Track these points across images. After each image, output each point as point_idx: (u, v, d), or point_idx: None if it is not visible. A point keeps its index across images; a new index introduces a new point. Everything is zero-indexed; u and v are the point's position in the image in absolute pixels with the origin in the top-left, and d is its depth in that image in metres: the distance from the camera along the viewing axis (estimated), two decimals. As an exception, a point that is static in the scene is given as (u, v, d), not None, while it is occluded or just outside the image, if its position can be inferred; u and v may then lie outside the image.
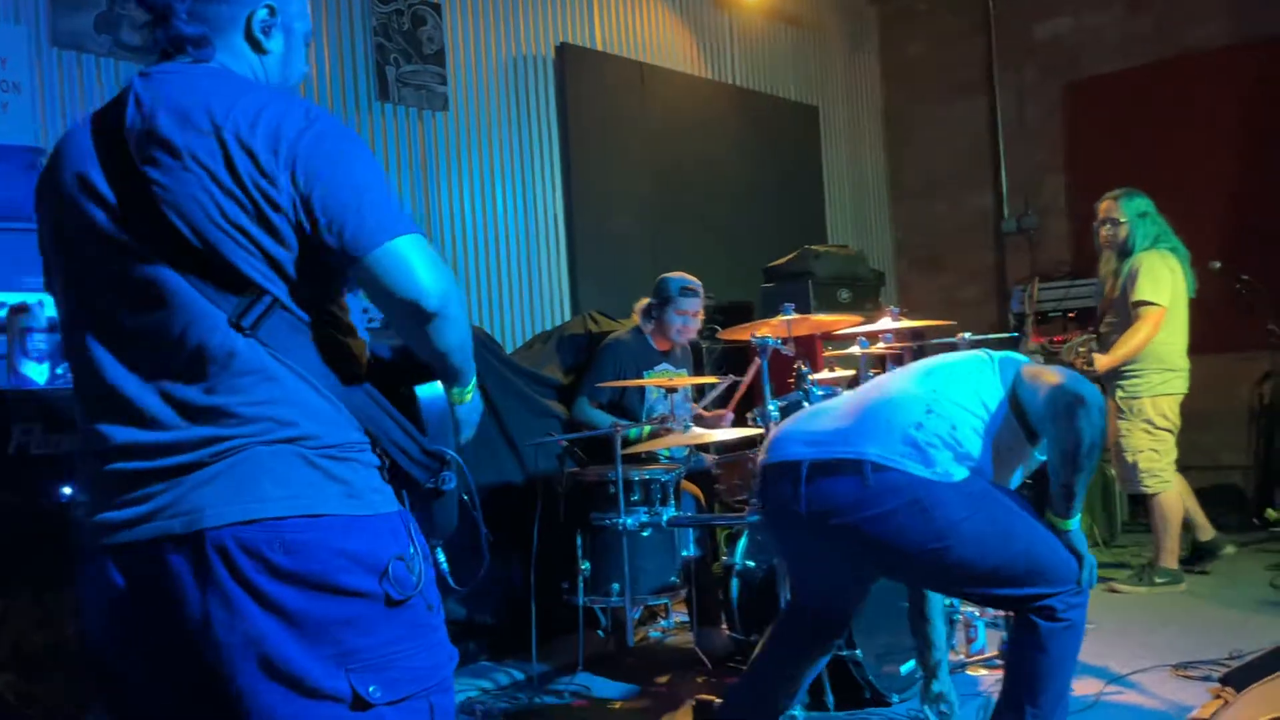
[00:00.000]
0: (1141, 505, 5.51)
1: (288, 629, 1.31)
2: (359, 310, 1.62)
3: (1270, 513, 5.18)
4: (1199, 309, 4.35)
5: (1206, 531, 4.51)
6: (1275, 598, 4.07)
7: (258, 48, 1.48)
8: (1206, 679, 3.10)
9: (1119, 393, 4.29)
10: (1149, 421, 4.24)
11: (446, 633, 1.47)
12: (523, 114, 5.06)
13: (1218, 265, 4.61)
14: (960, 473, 2.18)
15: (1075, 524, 2.23)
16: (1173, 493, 4.26)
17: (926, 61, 6.92)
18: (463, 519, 1.56)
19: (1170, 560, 4.27)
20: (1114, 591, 4.22)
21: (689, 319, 4.03)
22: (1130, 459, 4.27)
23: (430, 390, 1.46)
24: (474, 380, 1.56)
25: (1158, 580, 4.24)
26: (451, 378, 1.49)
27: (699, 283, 4.06)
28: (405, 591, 1.38)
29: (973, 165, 6.66)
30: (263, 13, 1.46)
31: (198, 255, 1.33)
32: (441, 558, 2.45)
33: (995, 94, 6.52)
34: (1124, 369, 4.26)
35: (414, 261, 1.35)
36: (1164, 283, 4.17)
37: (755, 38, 6.39)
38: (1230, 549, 4.51)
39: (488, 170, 4.89)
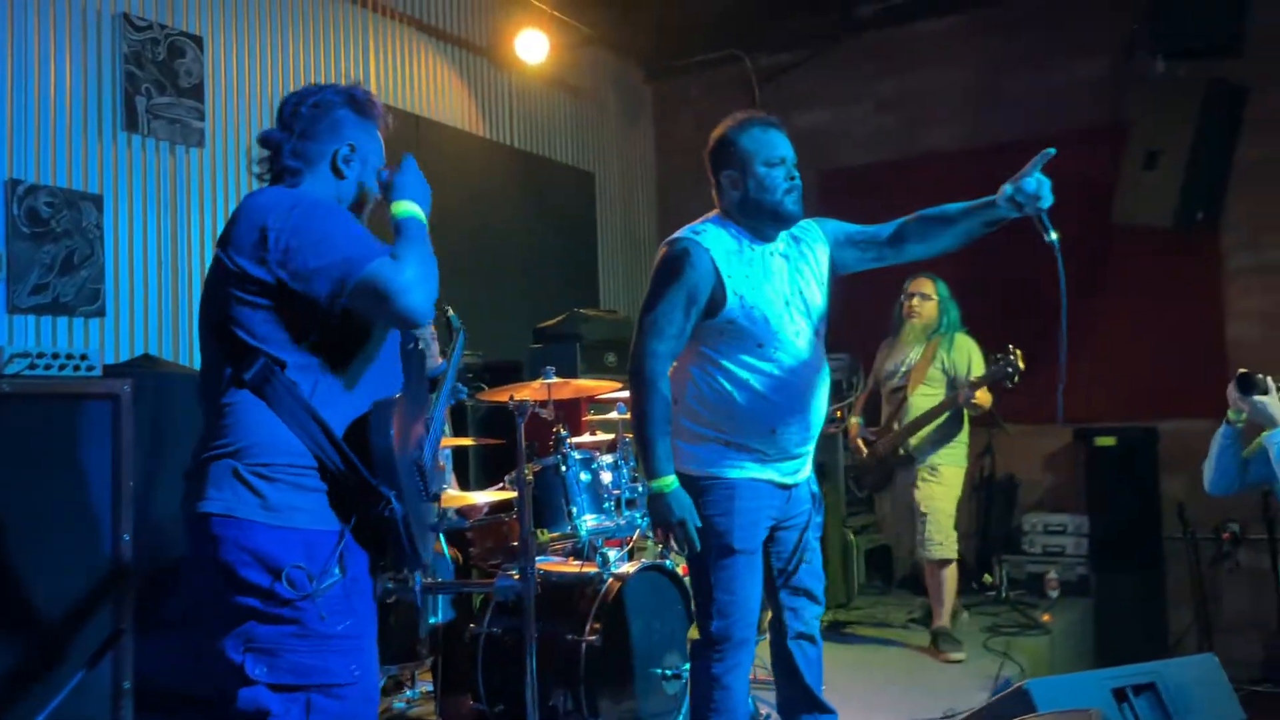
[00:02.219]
0: (881, 570, 5.88)
1: (217, 601, 1.76)
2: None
3: (987, 577, 5.63)
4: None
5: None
6: (989, 658, 4.40)
7: (339, 174, 2.03)
8: (924, 737, 3.31)
9: (935, 457, 4.48)
10: (948, 488, 4.49)
11: (354, 648, 1.79)
12: (288, 157, 4.86)
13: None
14: None
15: (655, 485, 2.52)
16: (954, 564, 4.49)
17: (697, 140, 7.17)
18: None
19: (947, 619, 4.49)
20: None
21: (429, 340, 4.03)
22: (936, 520, 4.42)
23: (377, 436, 1.78)
24: (409, 200, 2.02)
25: (956, 639, 4.43)
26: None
27: None
28: (295, 594, 1.71)
29: (737, 241, 6.96)
30: (345, 150, 2.02)
31: (219, 326, 1.84)
32: (418, 583, 2.97)
33: (759, 175, 6.87)
34: (944, 438, 4.48)
35: (391, 289, 1.81)
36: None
37: (534, 102, 6.48)
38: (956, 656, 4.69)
39: (246, 213, 4.65)
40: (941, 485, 4.50)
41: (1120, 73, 5.72)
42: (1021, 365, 4.16)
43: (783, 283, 2.62)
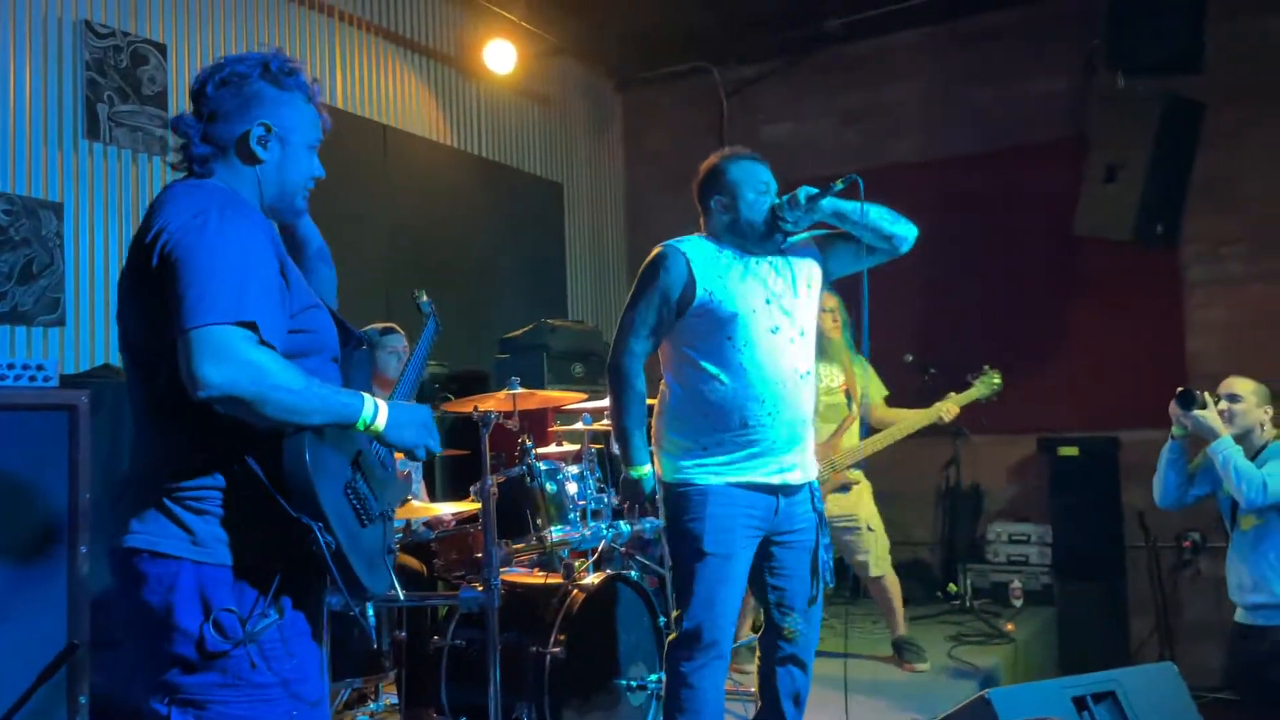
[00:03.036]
0: (845, 580, 5.89)
1: (134, 646, 1.62)
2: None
3: (952, 586, 5.67)
4: (896, 398, 4.71)
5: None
6: (954, 666, 4.43)
7: (253, 159, 1.77)
8: (888, 746, 3.32)
9: (863, 475, 4.38)
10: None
11: (290, 695, 1.62)
12: (253, 166, 4.82)
13: (910, 358, 5.06)
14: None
15: (633, 473, 2.79)
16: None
17: (665, 151, 7.26)
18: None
19: (904, 627, 4.47)
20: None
21: (401, 355, 4.03)
22: (880, 536, 4.35)
23: (290, 465, 1.59)
24: (364, 413, 1.68)
25: (920, 648, 4.41)
26: (326, 426, 1.64)
27: (393, 325, 4.12)
28: (226, 640, 1.56)
29: (705, 251, 6.98)
30: (258, 130, 1.76)
31: (130, 336, 1.69)
32: (370, 614, 2.93)
33: (727, 186, 6.90)
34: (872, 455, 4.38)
35: (195, 353, 1.51)
36: None
37: (503, 112, 6.47)
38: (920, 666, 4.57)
39: (210, 221, 4.61)
40: (873, 500, 4.42)
41: (1081, 87, 5.80)
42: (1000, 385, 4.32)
43: (762, 284, 2.75)
